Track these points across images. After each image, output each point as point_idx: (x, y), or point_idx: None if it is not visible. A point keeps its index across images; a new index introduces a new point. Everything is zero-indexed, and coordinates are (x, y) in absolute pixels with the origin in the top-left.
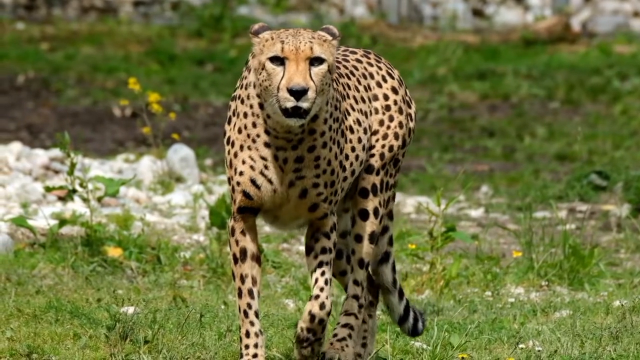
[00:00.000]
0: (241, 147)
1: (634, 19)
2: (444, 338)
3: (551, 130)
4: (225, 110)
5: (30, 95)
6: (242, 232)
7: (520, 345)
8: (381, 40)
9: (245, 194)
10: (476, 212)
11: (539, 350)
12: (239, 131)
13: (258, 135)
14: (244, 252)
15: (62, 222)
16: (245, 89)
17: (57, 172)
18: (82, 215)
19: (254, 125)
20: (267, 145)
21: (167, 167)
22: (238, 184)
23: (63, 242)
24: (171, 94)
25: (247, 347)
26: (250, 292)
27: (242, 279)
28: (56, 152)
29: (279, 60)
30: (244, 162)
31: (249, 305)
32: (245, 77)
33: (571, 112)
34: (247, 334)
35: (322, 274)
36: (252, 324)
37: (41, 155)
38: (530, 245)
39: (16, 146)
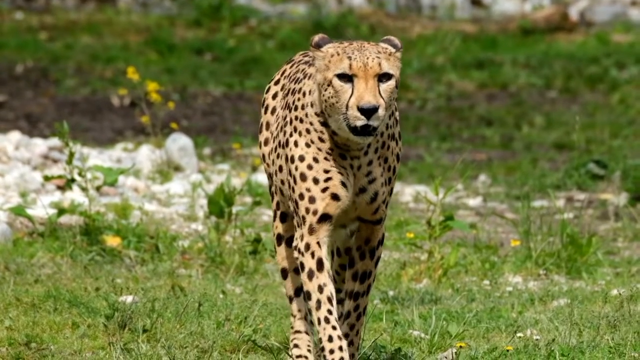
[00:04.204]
0: (315, 159)
1: (632, 8)
2: (442, 327)
3: (549, 119)
4: (224, 100)
5: (29, 84)
6: (318, 244)
7: (519, 334)
8: (379, 30)
9: (334, 196)
10: (474, 201)
11: (537, 339)
12: (307, 145)
13: (331, 149)
14: (320, 262)
15: (61, 211)
16: (302, 109)
17: (55, 161)
18: (80, 205)
19: (321, 140)
20: (342, 157)
21: (166, 157)
22: (325, 189)
23: (62, 231)
24: (170, 84)
25: (332, 352)
26: (329, 299)
27: (320, 289)
28: (55, 141)
29: (346, 77)
30: (327, 171)
31: (329, 311)
32: (299, 99)
33: (569, 101)
34: (330, 339)
35: (356, 308)
36: (334, 328)
37: (40, 145)
38: (528, 234)
39: (15, 135)
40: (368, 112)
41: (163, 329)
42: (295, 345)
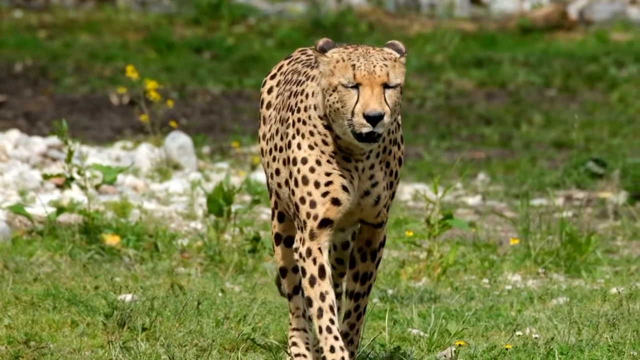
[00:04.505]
0: (318, 162)
1: (631, 7)
2: (441, 325)
3: (548, 117)
4: (223, 98)
5: (28, 83)
6: (320, 250)
7: (518, 333)
8: (378, 28)
9: (335, 200)
10: (473, 200)
11: (536, 338)
12: (311, 148)
13: (335, 152)
14: (322, 269)
15: (60, 209)
16: (305, 111)
17: (54, 159)
18: (79, 203)
19: (325, 142)
20: (346, 159)
21: (165, 155)
22: (325, 194)
23: (61, 229)
24: (169, 82)
25: None
26: (332, 308)
27: (322, 297)
28: (54, 139)
29: (352, 84)
30: (328, 174)
31: (332, 321)
32: (302, 101)
33: (568, 99)
34: (332, 349)
35: (356, 308)
36: (336, 338)
37: (39, 143)
38: (527, 233)
39: (14, 134)
40: (374, 119)
41: (162, 328)
42: (294, 344)
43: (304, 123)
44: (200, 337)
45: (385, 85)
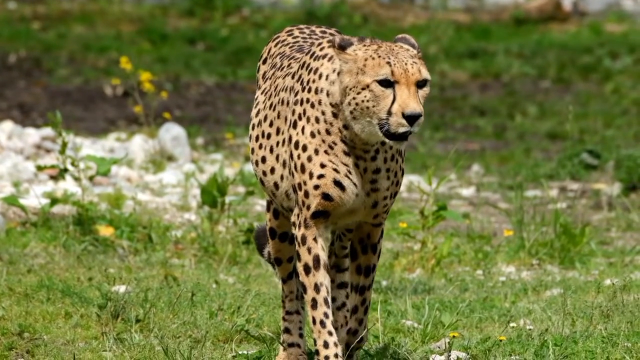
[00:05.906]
0: (316, 151)
1: None
2: (435, 317)
3: (542, 109)
4: (217, 90)
5: (22, 74)
6: (315, 240)
7: (512, 324)
8: (372, 20)
9: (326, 196)
10: (467, 191)
11: (530, 329)
12: (312, 135)
13: (335, 143)
14: (317, 259)
15: (54, 201)
16: (316, 93)
17: (48, 151)
18: (73, 194)
19: (328, 132)
20: (346, 153)
21: (159, 146)
22: (316, 187)
23: (54, 221)
24: (163, 73)
25: (327, 358)
26: (326, 301)
27: (317, 288)
28: (48, 131)
29: (387, 82)
30: (323, 166)
31: (326, 315)
32: (314, 81)
33: (562, 90)
34: (326, 345)
35: (363, 302)
36: (330, 333)
37: (33, 134)
38: (521, 224)
39: (8, 125)
40: (413, 118)
41: (156, 319)
42: (287, 330)
43: (312, 106)
44: (194, 329)
45: (417, 84)
